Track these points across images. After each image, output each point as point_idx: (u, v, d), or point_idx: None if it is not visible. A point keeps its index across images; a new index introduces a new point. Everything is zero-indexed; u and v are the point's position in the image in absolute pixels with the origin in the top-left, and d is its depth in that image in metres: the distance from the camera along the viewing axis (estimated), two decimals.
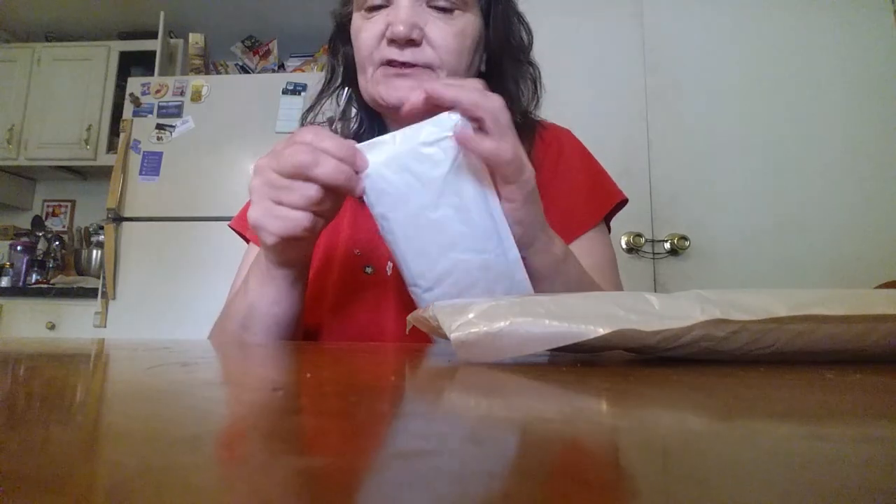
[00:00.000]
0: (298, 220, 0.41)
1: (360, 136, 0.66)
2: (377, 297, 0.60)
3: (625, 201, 0.67)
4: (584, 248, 0.61)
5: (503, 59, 0.63)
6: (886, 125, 1.55)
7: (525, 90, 0.66)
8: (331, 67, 0.68)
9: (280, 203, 0.41)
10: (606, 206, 0.65)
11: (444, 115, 0.39)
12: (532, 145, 0.64)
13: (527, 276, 0.43)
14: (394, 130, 0.65)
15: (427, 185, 0.40)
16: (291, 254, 0.46)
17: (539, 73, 0.67)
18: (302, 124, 0.67)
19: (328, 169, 0.40)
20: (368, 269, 0.61)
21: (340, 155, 0.40)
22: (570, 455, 0.11)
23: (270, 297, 0.49)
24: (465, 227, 0.40)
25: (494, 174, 0.41)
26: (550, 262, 0.46)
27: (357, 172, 0.41)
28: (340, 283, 0.61)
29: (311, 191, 0.40)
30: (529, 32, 0.67)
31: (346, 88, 0.68)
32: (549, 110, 0.71)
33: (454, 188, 0.40)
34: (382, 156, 0.40)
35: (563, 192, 0.64)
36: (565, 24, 1.66)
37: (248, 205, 0.69)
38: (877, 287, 1.06)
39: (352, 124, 0.69)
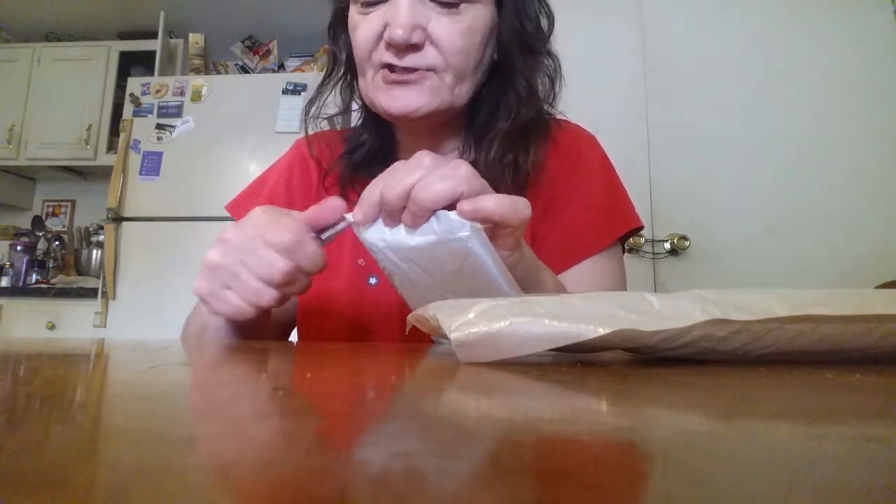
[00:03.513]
0: (244, 310, 0.41)
1: (363, 144, 0.63)
2: (382, 308, 0.58)
3: (640, 228, 0.62)
4: (591, 273, 0.58)
5: (514, 52, 0.57)
6: (886, 125, 1.55)
7: (540, 84, 0.60)
8: (332, 56, 0.64)
9: (229, 288, 0.41)
10: (618, 231, 0.60)
11: (454, 216, 0.35)
12: (544, 148, 0.60)
13: None
14: (400, 136, 0.64)
15: (435, 276, 0.38)
16: None
17: (558, 64, 0.61)
18: (305, 118, 0.64)
19: (301, 288, 0.40)
20: (373, 280, 0.59)
21: (315, 272, 0.40)
22: (570, 455, 0.11)
23: (218, 324, 0.48)
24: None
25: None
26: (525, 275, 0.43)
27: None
28: (345, 294, 0.59)
29: (266, 298, 0.40)
30: (550, 16, 0.61)
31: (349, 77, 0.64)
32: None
33: (463, 282, 0.38)
34: (387, 240, 0.38)
35: (575, 209, 0.59)
36: (565, 24, 1.66)
37: (246, 189, 0.69)
38: (877, 287, 1.06)
39: (355, 119, 0.67)
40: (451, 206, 0.36)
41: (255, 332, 0.50)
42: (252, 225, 0.40)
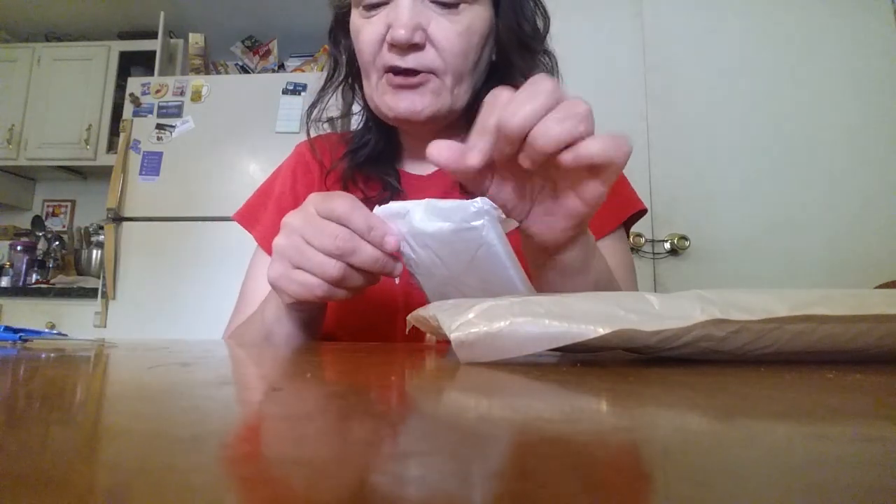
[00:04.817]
0: (314, 287, 0.41)
1: (366, 144, 0.64)
2: (385, 305, 0.59)
3: (644, 211, 0.64)
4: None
5: (513, 51, 0.58)
6: (886, 125, 1.55)
7: None
8: (333, 60, 0.65)
9: (299, 267, 0.41)
10: (624, 213, 0.63)
11: (469, 204, 0.36)
12: None
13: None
14: (403, 139, 0.65)
15: (450, 266, 0.39)
16: (307, 306, 0.46)
17: (555, 62, 0.63)
18: (307, 121, 0.65)
19: (364, 258, 0.39)
20: None
21: (373, 239, 0.39)
22: (570, 455, 0.11)
23: (286, 331, 0.49)
24: (489, 293, 0.39)
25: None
26: (585, 255, 0.42)
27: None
28: None
29: (332, 269, 0.40)
30: (545, 17, 0.62)
31: (349, 81, 0.65)
32: None
33: (477, 273, 0.39)
34: (407, 226, 0.39)
35: None
36: (565, 24, 1.66)
37: (253, 198, 0.70)
38: (877, 287, 1.06)
39: (356, 122, 0.68)
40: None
41: (317, 330, 0.51)
42: (309, 203, 0.42)
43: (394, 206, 0.40)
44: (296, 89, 2.12)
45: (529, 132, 0.32)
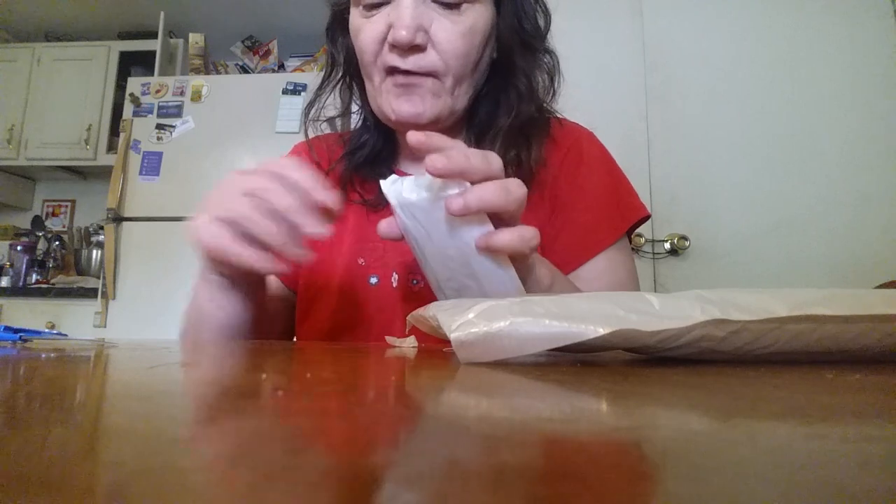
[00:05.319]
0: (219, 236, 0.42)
1: (364, 145, 0.64)
2: (383, 308, 0.58)
3: (647, 217, 0.63)
4: (605, 266, 0.59)
5: (514, 51, 0.58)
6: (886, 125, 1.55)
7: (540, 81, 0.61)
8: (331, 58, 0.64)
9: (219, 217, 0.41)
10: (628, 222, 0.62)
11: (440, 183, 0.38)
12: (544, 144, 0.61)
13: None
14: (401, 139, 0.65)
15: (434, 238, 0.40)
16: (218, 266, 0.47)
17: (557, 61, 0.62)
18: (304, 120, 0.65)
19: (286, 200, 0.40)
20: (373, 280, 0.59)
21: (304, 185, 0.40)
22: (570, 455, 0.11)
23: (214, 302, 0.48)
24: (475, 278, 0.41)
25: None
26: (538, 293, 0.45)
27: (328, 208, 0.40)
28: (345, 293, 0.59)
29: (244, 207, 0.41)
30: (546, 13, 0.61)
31: (348, 79, 0.64)
32: None
33: (457, 246, 0.39)
34: (397, 197, 0.40)
35: (583, 206, 0.61)
36: (565, 24, 1.66)
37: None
38: (877, 287, 1.06)
39: (355, 121, 0.67)
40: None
41: (256, 321, 0.51)
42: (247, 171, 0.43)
43: (392, 178, 0.42)
44: (296, 89, 2.12)
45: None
